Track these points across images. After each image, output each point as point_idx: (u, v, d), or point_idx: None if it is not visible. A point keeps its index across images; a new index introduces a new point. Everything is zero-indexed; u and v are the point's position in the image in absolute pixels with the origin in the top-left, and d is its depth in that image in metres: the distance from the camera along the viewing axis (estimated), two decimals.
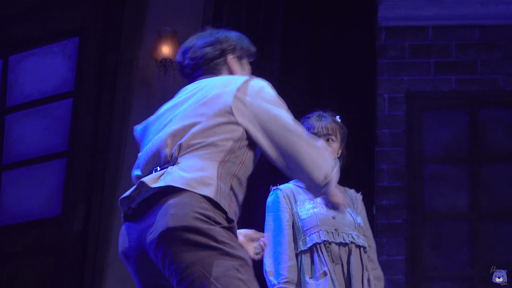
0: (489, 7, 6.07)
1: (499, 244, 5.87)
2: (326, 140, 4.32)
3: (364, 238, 4.31)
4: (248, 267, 2.98)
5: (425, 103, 6.08)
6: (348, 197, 4.42)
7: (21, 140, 6.39)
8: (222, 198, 3.04)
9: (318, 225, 4.24)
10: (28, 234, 6.09)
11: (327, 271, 4.15)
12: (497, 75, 6.02)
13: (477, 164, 6.01)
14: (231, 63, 3.45)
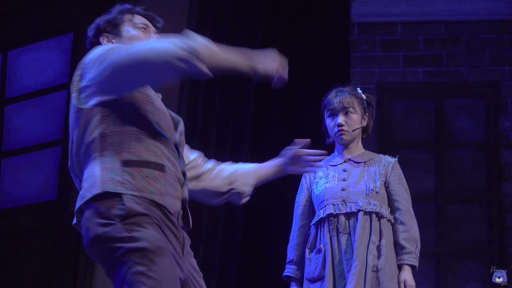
0: (454, 4, 6.11)
1: (463, 223, 5.91)
2: (345, 113, 4.30)
3: (378, 204, 4.22)
4: (151, 253, 2.88)
5: (394, 93, 6.11)
6: (374, 162, 4.36)
7: (20, 129, 6.46)
8: (110, 184, 2.95)
9: (325, 199, 4.25)
10: (26, 216, 6.12)
11: (322, 248, 4.16)
12: (461, 67, 6.06)
13: (442, 150, 6.03)
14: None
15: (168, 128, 3.17)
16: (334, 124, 4.31)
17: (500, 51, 6.07)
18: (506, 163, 5.92)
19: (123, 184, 2.94)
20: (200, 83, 5.94)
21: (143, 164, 3.00)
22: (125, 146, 3.03)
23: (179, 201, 3.10)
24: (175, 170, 3.11)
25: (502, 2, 6.11)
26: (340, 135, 4.30)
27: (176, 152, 3.17)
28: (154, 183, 2.98)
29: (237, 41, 6.03)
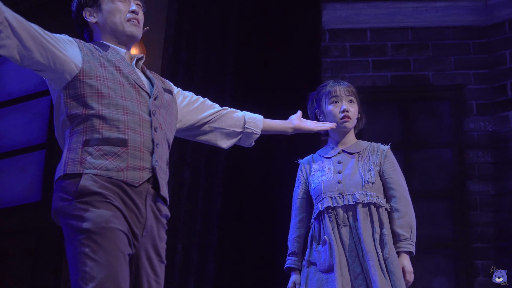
0: (420, 12, 6.13)
1: (429, 221, 5.89)
2: (348, 101, 4.32)
3: (374, 194, 4.19)
4: (95, 235, 2.95)
5: (364, 97, 5.60)
6: (368, 152, 4.33)
7: (4, 134, 6.48)
8: (70, 165, 3.07)
9: (322, 192, 4.21)
10: (12, 217, 6.18)
11: (326, 238, 4.12)
12: (427, 72, 6.09)
13: (409, 150, 6.03)
14: (87, 19, 3.39)
15: (136, 99, 3.23)
16: (339, 110, 4.28)
17: (464, 56, 6.10)
18: (471, 163, 5.94)
19: (82, 163, 3.04)
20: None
21: (104, 141, 3.09)
22: (88, 125, 3.11)
23: (147, 171, 3.15)
24: (142, 140, 3.17)
25: (465, 9, 6.14)
26: (345, 121, 4.28)
27: (147, 121, 3.22)
28: (114, 159, 3.07)
29: (211, 48, 6.17)
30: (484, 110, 6.03)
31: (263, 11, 6.48)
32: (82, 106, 3.13)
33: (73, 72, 3.14)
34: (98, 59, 3.25)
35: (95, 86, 3.15)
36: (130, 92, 3.23)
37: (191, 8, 6.19)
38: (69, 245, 2.99)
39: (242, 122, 3.71)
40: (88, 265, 2.91)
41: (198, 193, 6.00)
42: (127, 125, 3.14)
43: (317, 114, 4.38)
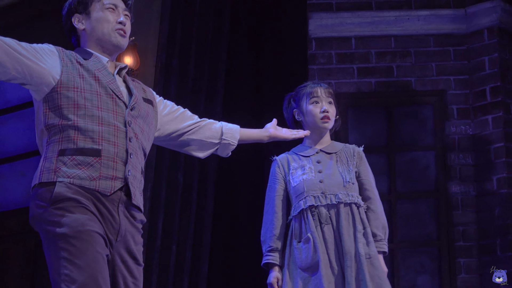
0: (402, 20, 6.14)
1: (414, 220, 5.95)
2: (328, 103, 4.29)
3: (355, 194, 4.19)
4: (72, 238, 2.97)
5: (349, 102, 6.10)
6: (344, 153, 4.30)
7: (4, 140, 6.52)
8: (45, 174, 3.07)
9: (305, 191, 4.17)
10: (12, 220, 6.22)
11: (309, 236, 4.09)
12: (410, 78, 6.11)
13: (394, 153, 6.05)
14: (76, 25, 3.36)
15: (112, 109, 3.21)
16: (319, 110, 4.26)
17: (445, 62, 6.12)
18: (452, 165, 5.97)
19: (56, 172, 3.04)
20: (171, 97, 5.87)
21: (78, 151, 3.08)
22: (64, 136, 3.09)
23: (119, 180, 3.16)
24: (116, 150, 3.17)
25: (446, 18, 6.15)
26: (325, 121, 4.26)
27: (123, 131, 3.22)
28: (86, 169, 3.08)
29: (203, 55, 6.16)
30: (465, 114, 6.06)
31: (254, 20, 6.51)
32: (59, 117, 3.12)
33: (51, 84, 3.14)
34: (78, 69, 3.22)
35: (71, 98, 3.14)
36: (107, 102, 3.21)
37: (183, 17, 6.16)
38: (48, 250, 3.01)
39: (220, 133, 3.68)
40: (68, 268, 2.93)
41: (192, 196, 6.01)
42: (102, 135, 3.15)
43: (296, 113, 4.37)
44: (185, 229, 5.95)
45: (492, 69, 6.05)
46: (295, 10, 6.36)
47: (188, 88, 6.15)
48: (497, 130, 5.95)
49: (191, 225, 5.98)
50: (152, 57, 6.02)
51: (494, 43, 6.07)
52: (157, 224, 5.82)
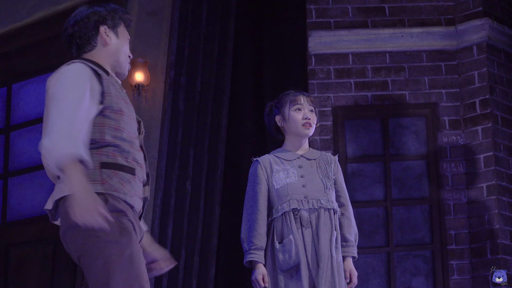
0: (396, 38, 6.20)
1: (408, 225, 6.01)
2: (310, 110, 4.26)
3: (333, 200, 4.18)
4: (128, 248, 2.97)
5: (347, 115, 6.15)
6: (322, 160, 4.26)
7: (23, 152, 6.53)
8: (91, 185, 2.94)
9: (288, 194, 4.14)
10: (30, 227, 6.22)
11: (291, 238, 4.08)
12: (404, 91, 6.15)
13: (388, 162, 6.09)
14: (103, 34, 3.23)
15: (135, 134, 3.19)
16: (301, 117, 4.22)
17: (437, 77, 6.17)
18: (445, 173, 6.01)
19: (103, 184, 3.00)
20: (179, 111, 6.02)
21: (118, 167, 3.06)
22: (103, 151, 3.05)
23: (142, 200, 3.18)
24: (142, 173, 3.17)
25: (437, 35, 6.21)
26: (306, 128, 4.23)
27: (142, 155, 3.21)
28: (126, 185, 3.06)
29: (210, 72, 6.17)
30: (456, 125, 6.11)
31: (257, 38, 6.53)
32: (99, 133, 3.07)
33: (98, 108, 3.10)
34: (117, 94, 3.17)
35: (114, 118, 3.11)
36: (133, 126, 3.20)
37: (190, 37, 6.17)
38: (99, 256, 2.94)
39: None
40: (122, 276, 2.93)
41: (199, 203, 6.04)
42: (133, 157, 3.13)
43: (278, 120, 4.32)
44: (193, 235, 5.97)
45: (481, 83, 6.10)
46: (295, 29, 6.40)
47: (195, 102, 6.18)
48: (487, 140, 6.01)
49: (199, 230, 6.00)
50: (162, 73, 6.05)
51: (483, 58, 6.12)
52: (167, 230, 5.84)
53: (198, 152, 6.13)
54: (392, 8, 6.32)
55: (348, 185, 5.49)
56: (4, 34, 6.61)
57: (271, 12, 6.53)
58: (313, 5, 6.29)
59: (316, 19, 6.29)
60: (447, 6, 6.31)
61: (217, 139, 6.24)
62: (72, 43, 3.27)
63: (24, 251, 6.23)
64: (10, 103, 6.70)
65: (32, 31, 6.50)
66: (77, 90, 3.00)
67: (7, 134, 6.69)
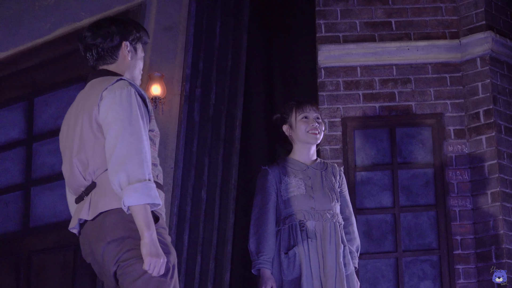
0: (403, 51, 6.21)
1: (416, 231, 6.01)
2: (316, 118, 4.26)
3: (339, 213, 4.14)
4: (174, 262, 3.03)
5: (356, 125, 6.15)
6: (329, 172, 4.22)
7: (45, 163, 6.52)
8: None
9: (296, 206, 4.12)
10: (52, 233, 6.24)
11: (295, 250, 4.08)
12: (410, 102, 6.15)
13: (396, 170, 6.09)
14: (124, 50, 3.28)
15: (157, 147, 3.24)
16: (308, 125, 4.22)
17: (442, 88, 6.17)
18: (450, 181, 6.00)
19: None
20: (194, 122, 6.01)
21: (158, 185, 3.11)
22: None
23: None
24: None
25: (442, 48, 6.22)
26: (314, 134, 4.24)
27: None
28: (160, 200, 3.10)
29: (224, 84, 6.20)
30: (461, 134, 6.11)
31: (268, 52, 6.55)
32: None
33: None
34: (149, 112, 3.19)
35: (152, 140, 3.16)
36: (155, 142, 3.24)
37: (205, 50, 6.20)
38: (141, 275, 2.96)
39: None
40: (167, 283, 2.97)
41: (214, 211, 6.05)
42: (159, 175, 3.21)
43: (285, 129, 4.32)
44: (209, 241, 5.95)
45: (485, 94, 6.10)
46: (305, 43, 6.40)
47: (210, 114, 6.19)
48: (491, 149, 6.01)
49: (214, 237, 6.00)
50: (177, 86, 6.04)
51: (486, 70, 6.12)
52: (183, 237, 5.84)
53: (213, 161, 6.10)
54: (398, 22, 6.32)
55: (357, 193, 6.03)
56: (26, 49, 6.65)
57: (282, 27, 6.55)
58: (323, 20, 6.31)
59: (325, 33, 6.30)
60: (451, 20, 6.32)
61: (231, 149, 6.23)
62: (91, 52, 3.29)
63: (46, 257, 6.23)
64: (32, 115, 6.69)
65: (53, 46, 6.53)
66: (139, 120, 3.02)
67: (29, 145, 6.67)
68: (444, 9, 6.33)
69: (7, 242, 6.42)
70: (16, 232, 6.50)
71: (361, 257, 5.79)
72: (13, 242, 6.39)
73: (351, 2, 6.33)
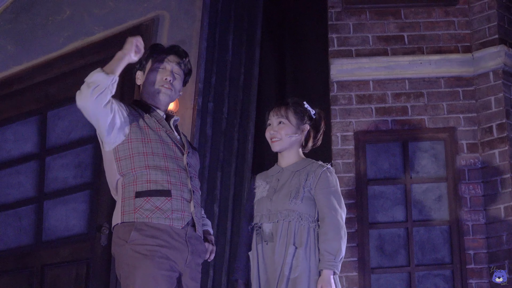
0: (415, 65, 6.19)
1: (429, 246, 6.00)
2: (279, 123, 3.98)
3: (300, 212, 3.85)
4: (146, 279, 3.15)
5: (368, 139, 6.14)
6: (304, 172, 3.94)
7: (57, 177, 6.52)
8: (126, 215, 3.26)
9: (255, 209, 3.96)
10: (65, 247, 6.22)
11: (249, 254, 3.94)
12: (423, 116, 6.14)
13: (409, 185, 6.08)
14: (137, 78, 3.62)
15: (175, 156, 3.41)
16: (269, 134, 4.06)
17: (455, 102, 6.16)
18: (463, 195, 5.98)
19: (135, 213, 3.26)
20: (207, 136, 6.02)
21: (151, 193, 3.29)
22: (137, 180, 3.30)
23: (187, 216, 3.36)
24: (182, 191, 3.36)
25: (455, 62, 6.21)
26: (273, 142, 4.08)
27: (185, 174, 3.41)
28: (161, 208, 3.27)
29: (236, 98, 6.20)
30: (474, 148, 6.09)
31: (281, 66, 6.57)
32: (131, 164, 3.31)
33: (125, 133, 3.38)
34: (144, 121, 3.39)
35: (141, 147, 3.34)
36: (169, 149, 3.40)
37: (217, 65, 6.21)
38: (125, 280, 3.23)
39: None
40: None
41: (226, 225, 6.05)
42: (169, 179, 3.34)
43: None
44: (221, 255, 5.95)
45: (497, 108, 6.09)
46: (318, 57, 6.43)
47: (222, 128, 6.21)
48: (504, 163, 5.99)
49: (226, 252, 6.00)
50: (190, 100, 6.03)
51: (499, 84, 6.11)
52: None
53: (225, 175, 6.12)
54: (411, 36, 6.33)
55: (370, 207, 6.03)
56: (39, 63, 6.65)
57: (294, 41, 6.56)
58: (335, 34, 6.33)
59: (338, 47, 6.31)
60: (464, 34, 6.32)
61: (243, 163, 6.24)
62: None
63: (59, 271, 6.18)
64: (46, 129, 6.72)
65: (66, 60, 6.54)
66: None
67: (42, 159, 6.65)
68: (456, 23, 6.33)
69: (20, 255, 6.42)
70: (29, 246, 6.39)
71: (373, 272, 5.91)
72: (26, 256, 6.38)
73: (363, 16, 6.35)
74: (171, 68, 3.58)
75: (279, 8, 6.72)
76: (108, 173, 3.41)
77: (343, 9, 6.35)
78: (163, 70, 3.57)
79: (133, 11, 6.31)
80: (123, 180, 3.33)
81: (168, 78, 3.53)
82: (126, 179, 3.32)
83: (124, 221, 3.28)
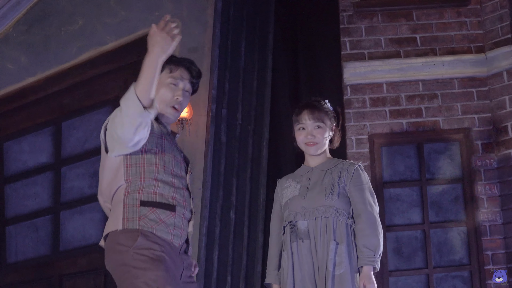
0: (429, 66, 6.19)
1: (446, 247, 5.99)
2: (316, 127, 3.95)
3: (337, 208, 3.84)
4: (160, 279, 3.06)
5: (383, 142, 6.13)
6: (337, 170, 3.94)
7: (73, 187, 6.55)
8: (129, 221, 3.14)
9: (288, 208, 3.92)
10: (82, 257, 6.24)
11: (284, 253, 3.90)
12: (437, 118, 6.13)
13: (425, 186, 6.07)
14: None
15: (180, 174, 3.32)
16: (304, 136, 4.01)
17: (469, 103, 6.15)
18: (480, 196, 5.98)
19: (140, 221, 3.14)
20: (221, 142, 6.04)
21: (157, 205, 3.19)
22: (144, 190, 3.19)
23: (185, 235, 3.31)
24: (184, 210, 3.30)
25: (468, 62, 6.20)
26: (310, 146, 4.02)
27: (188, 193, 3.36)
28: (164, 221, 3.19)
29: (250, 105, 6.23)
30: (489, 149, 6.08)
31: (294, 71, 6.58)
32: (140, 173, 3.20)
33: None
34: (159, 133, 3.30)
35: (153, 159, 3.23)
36: (177, 166, 3.31)
37: (230, 71, 6.25)
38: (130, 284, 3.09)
39: None
40: None
41: (243, 231, 6.07)
42: (175, 196, 3.26)
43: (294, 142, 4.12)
44: (238, 261, 5.99)
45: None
46: (331, 61, 6.46)
47: (237, 134, 6.23)
48: None
49: (244, 257, 6.04)
50: (204, 107, 6.09)
51: None
52: (213, 257, 5.86)
53: (241, 182, 6.15)
54: (423, 38, 6.34)
55: (387, 210, 6.02)
56: (53, 74, 6.69)
57: (307, 46, 6.58)
58: (347, 38, 6.34)
59: (351, 50, 6.32)
60: (477, 34, 6.33)
61: (259, 169, 6.28)
62: None
63: (77, 281, 6.23)
64: (60, 139, 6.72)
65: (79, 70, 6.58)
66: None
67: (57, 169, 6.72)
68: (469, 24, 6.35)
69: (38, 266, 6.46)
70: (47, 256, 6.52)
71: (391, 274, 5.90)
72: (44, 266, 6.41)
73: (375, 19, 6.37)
74: (183, 87, 3.50)
75: (290, 13, 6.75)
76: (107, 178, 3.28)
77: (354, 12, 6.37)
78: (175, 87, 3.46)
79: (145, 20, 6.34)
80: (127, 187, 3.22)
81: (179, 99, 3.46)
82: (131, 187, 3.21)
83: (126, 227, 3.15)
